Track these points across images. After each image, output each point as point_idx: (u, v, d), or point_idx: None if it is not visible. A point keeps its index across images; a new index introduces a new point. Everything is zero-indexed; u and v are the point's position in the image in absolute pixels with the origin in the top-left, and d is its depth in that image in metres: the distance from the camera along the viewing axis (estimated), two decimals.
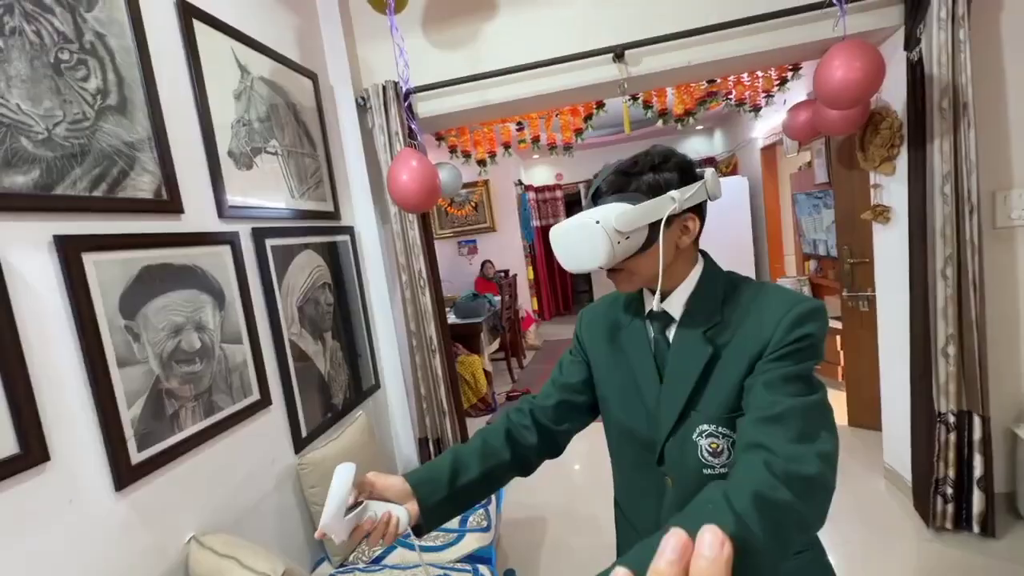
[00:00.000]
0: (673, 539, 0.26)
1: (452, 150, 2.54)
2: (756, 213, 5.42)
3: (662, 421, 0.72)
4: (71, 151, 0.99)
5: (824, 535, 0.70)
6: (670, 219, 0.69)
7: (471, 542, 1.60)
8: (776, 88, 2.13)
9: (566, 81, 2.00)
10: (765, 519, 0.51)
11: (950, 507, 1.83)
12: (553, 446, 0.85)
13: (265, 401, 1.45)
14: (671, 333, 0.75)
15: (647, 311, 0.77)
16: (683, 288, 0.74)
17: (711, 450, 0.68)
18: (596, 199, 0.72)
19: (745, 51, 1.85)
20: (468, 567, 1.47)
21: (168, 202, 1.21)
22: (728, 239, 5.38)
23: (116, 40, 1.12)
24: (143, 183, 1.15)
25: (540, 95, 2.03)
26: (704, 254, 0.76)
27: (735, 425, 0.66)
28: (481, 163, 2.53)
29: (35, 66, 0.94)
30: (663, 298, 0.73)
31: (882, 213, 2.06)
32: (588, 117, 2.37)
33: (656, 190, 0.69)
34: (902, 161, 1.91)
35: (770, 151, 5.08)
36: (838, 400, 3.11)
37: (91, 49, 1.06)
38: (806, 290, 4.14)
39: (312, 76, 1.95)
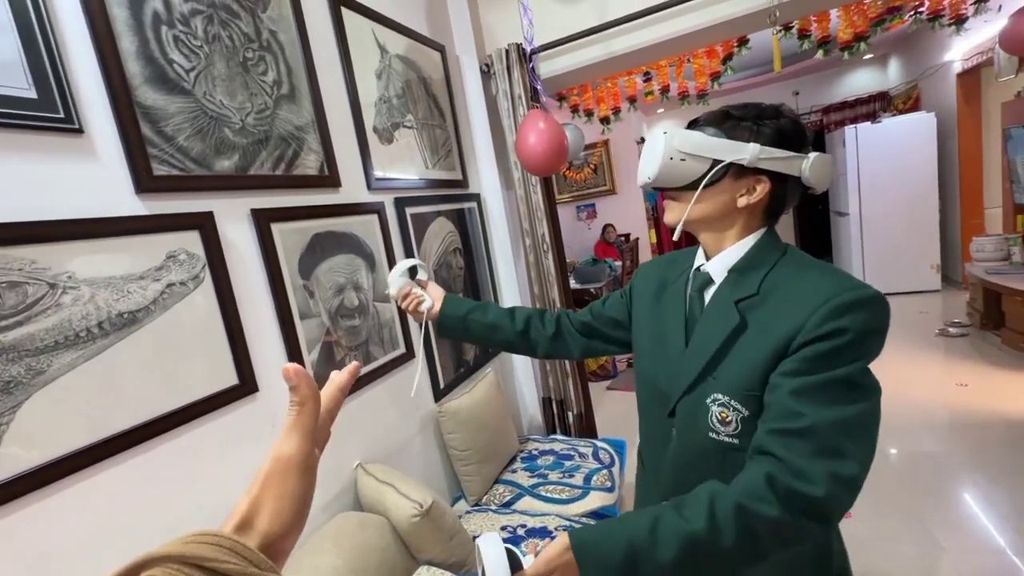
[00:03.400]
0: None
1: (574, 109, 2.47)
2: (946, 157, 4.41)
3: (680, 378, 0.72)
4: (258, 137, 1.17)
5: None
6: (739, 170, 0.67)
7: (595, 500, 1.64)
8: None
9: (703, 18, 1.79)
10: (741, 529, 0.54)
11: None
12: (565, 346, 0.98)
13: (410, 354, 1.62)
14: (708, 294, 0.74)
15: (693, 268, 0.78)
16: (730, 252, 0.71)
17: (720, 419, 0.68)
18: (690, 126, 0.72)
19: None
20: (594, 523, 1.51)
21: (329, 177, 1.37)
22: (904, 192, 4.47)
23: (284, 35, 1.27)
24: (310, 161, 1.32)
25: (672, 38, 1.85)
26: (771, 229, 0.72)
27: (748, 402, 0.65)
28: (604, 121, 2.42)
29: (230, 66, 1.12)
30: (709, 257, 0.74)
31: None
32: (728, 58, 2.10)
33: (742, 137, 0.67)
34: None
35: (971, 77, 4.04)
36: None
37: (267, 46, 1.22)
38: (1017, 252, 3.29)
39: (440, 48, 2.02)
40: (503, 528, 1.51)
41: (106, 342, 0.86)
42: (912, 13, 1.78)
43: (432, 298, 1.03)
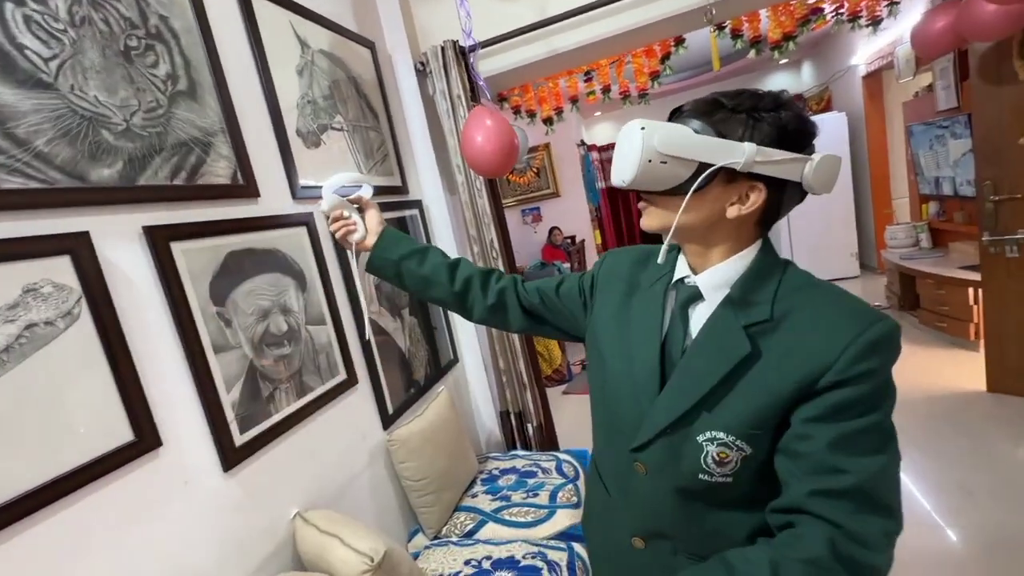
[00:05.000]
0: None
1: (516, 110, 2.39)
2: (857, 153, 4.76)
3: (658, 413, 0.62)
4: (149, 140, 0.98)
5: (966, 517, 0.63)
6: (731, 174, 0.55)
7: (563, 519, 1.55)
8: None
9: (642, 15, 1.76)
10: None
11: None
12: (504, 319, 0.90)
13: (352, 380, 1.46)
14: (694, 312, 0.64)
15: (674, 278, 0.67)
16: (724, 268, 0.61)
17: (718, 459, 0.58)
18: (673, 115, 0.61)
19: None
20: (563, 544, 1.42)
21: (244, 187, 1.20)
22: None
23: (179, 22, 1.09)
24: (219, 169, 1.14)
25: (612, 36, 1.82)
26: (767, 241, 0.63)
27: (754, 440, 0.57)
28: (547, 121, 2.36)
29: (107, 55, 0.93)
30: (696, 271, 0.63)
31: None
32: (665, 57, 2.11)
33: (734, 134, 0.55)
34: None
35: (875, 79, 4.39)
36: (974, 362, 2.70)
37: (157, 33, 1.04)
38: (924, 238, 3.59)
39: (370, 45, 1.87)
40: (467, 563, 1.38)
41: None
42: (835, 14, 1.86)
43: (367, 228, 0.93)
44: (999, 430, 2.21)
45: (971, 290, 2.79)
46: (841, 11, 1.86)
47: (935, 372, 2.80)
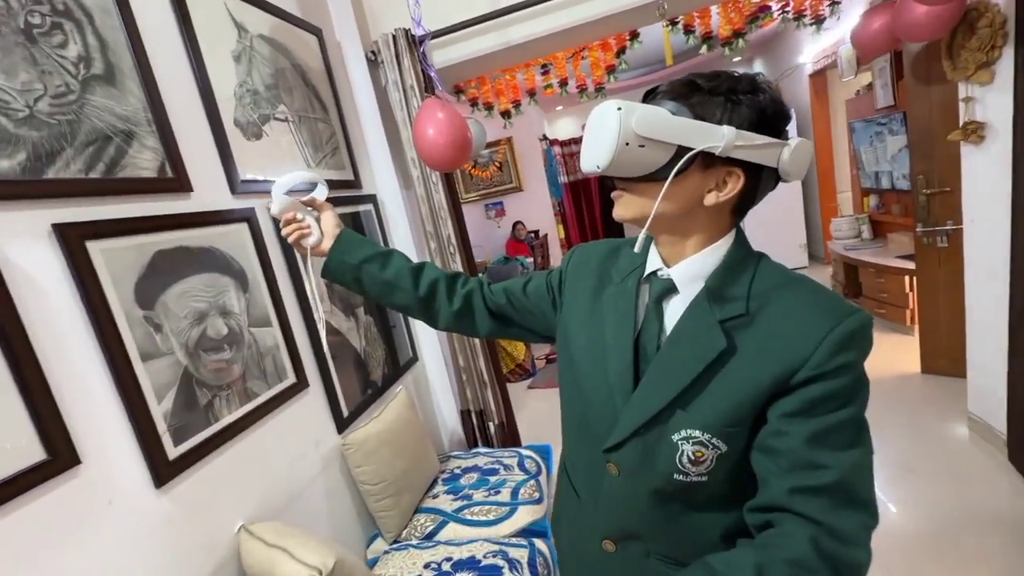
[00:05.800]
0: None
1: (473, 103, 2.35)
2: None
3: (635, 409, 0.60)
4: (59, 129, 0.89)
5: (903, 489, 0.65)
6: (709, 159, 0.53)
7: (524, 515, 1.54)
8: None
9: (596, 8, 1.76)
10: None
11: None
12: (471, 324, 0.86)
13: (302, 383, 1.39)
14: (668, 306, 0.61)
15: (646, 272, 0.64)
16: (699, 260, 0.59)
17: (694, 458, 0.57)
18: (647, 97, 0.58)
19: None
20: (524, 542, 1.41)
21: (174, 180, 1.11)
22: None
23: None
24: (144, 161, 1.05)
25: (568, 28, 1.80)
26: (740, 231, 0.61)
27: (730, 438, 0.56)
28: (505, 115, 2.33)
29: (3, 33, 0.83)
30: (669, 263, 0.61)
31: (975, 131, 1.76)
32: (621, 51, 2.12)
33: (712, 116, 0.53)
34: (1004, 65, 1.61)
35: (820, 77, 4.58)
36: (909, 346, 2.87)
37: (65, 11, 0.94)
38: (865, 229, 3.79)
39: (316, 32, 1.79)
40: (427, 566, 1.35)
41: None
42: (781, 12, 1.91)
43: (323, 231, 0.86)
44: (932, 408, 2.37)
45: (907, 278, 2.96)
46: (787, 9, 1.92)
47: (876, 356, 2.93)
